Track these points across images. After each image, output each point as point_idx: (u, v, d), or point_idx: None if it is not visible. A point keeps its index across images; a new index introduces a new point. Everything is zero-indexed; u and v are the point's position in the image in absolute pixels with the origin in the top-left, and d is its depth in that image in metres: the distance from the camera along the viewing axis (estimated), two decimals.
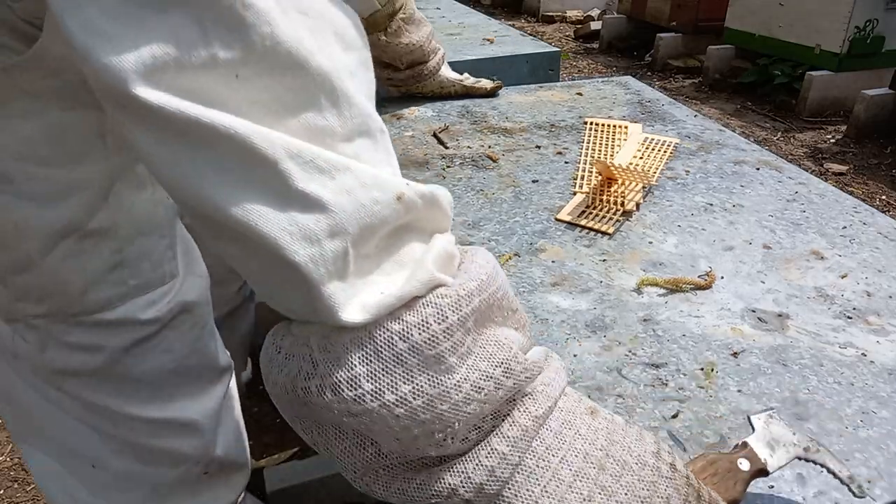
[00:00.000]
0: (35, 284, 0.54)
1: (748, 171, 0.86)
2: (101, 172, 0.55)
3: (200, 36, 0.28)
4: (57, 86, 0.52)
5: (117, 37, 0.27)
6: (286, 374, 0.32)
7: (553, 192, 0.80)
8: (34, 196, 0.52)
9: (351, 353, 0.31)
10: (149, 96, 0.27)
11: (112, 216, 0.57)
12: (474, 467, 0.31)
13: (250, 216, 0.29)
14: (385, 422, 0.30)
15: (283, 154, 0.29)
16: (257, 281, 0.33)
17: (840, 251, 0.69)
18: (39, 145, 0.51)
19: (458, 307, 0.31)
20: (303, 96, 0.30)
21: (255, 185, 0.29)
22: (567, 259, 0.67)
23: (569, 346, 0.55)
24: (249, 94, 0.29)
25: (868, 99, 3.11)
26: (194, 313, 0.67)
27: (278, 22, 0.29)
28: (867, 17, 3.28)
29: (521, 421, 0.32)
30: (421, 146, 0.92)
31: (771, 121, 3.45)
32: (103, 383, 0.60)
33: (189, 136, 0.28)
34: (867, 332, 0.57)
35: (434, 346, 0.30)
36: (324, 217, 0.29)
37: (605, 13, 4.95)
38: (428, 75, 1.08)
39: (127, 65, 0.27)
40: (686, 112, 1.07)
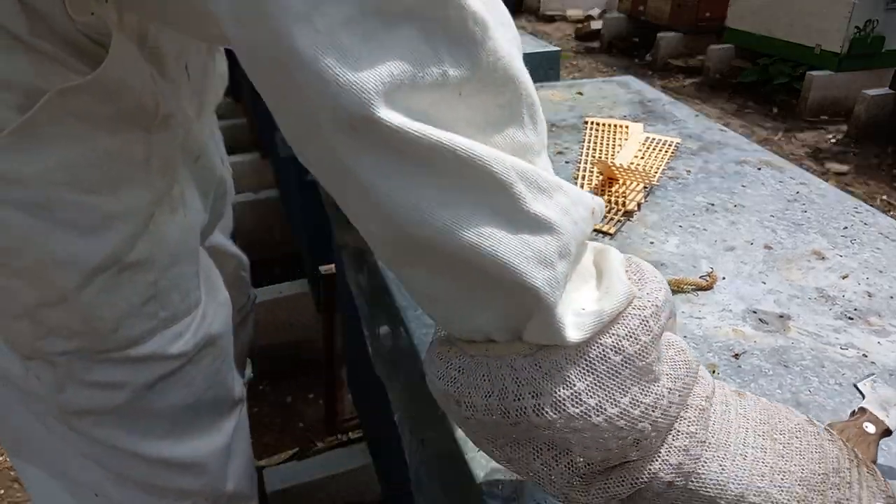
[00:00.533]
0: (66, 320, 0.51)
1: (749, 171, 0.86)
2: (144, 200, 0.53)
3: (431, 52, 0.27)
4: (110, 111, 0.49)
5: (355, 53, 0.25)
6: (486, 397, 0.32)
7: None
8: (75, 226, 0.49)
9: (566, 370, 0.31)
10: (391, 119, 0.26)
11: (150, 246, 0.54)
12: (667, 450, 0.33)
13: (484, 241, 0.28)
14: (602, 434, 0.31)
15: (516, 176, 0.28)
16: (446, 303, 0.32)
17: (841, 251, 0.69)
18: (84, 171, 0.49)
19: (657, 317, 0.32)
20: (509, 112, 0.30)
21: (487, 208, 0.28)
22: None
23: None
24: (466, 112, 0.28)
25: (868, 99, 3.11)
26: (217, 345, 0.64)
27: (497, 36, 0.28)
28: (867, 17, 3.28)
29: (697, 403, 0.33)
30: None
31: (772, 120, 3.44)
32: (119, 422, 0.57)
33: (425, 160, 0.27)
34: (868, 332, 0.57)
35: (644, 357, 0.31)
36: (552, 238, 0.30)
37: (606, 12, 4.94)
38: None
39: (369, 84, 0.26)
40: (687, 112, 1.07)
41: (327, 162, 0.29)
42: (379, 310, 0.67)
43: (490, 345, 0.33)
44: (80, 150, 0.49)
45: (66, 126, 0.48)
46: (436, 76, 0.27)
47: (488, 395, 0.32)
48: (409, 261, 0.31)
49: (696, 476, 0.33)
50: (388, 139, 0.26)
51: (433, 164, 0.27)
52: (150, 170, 0.53)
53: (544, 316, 0.30)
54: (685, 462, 0.33)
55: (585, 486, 0.33)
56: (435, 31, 0.27)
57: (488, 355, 0.32)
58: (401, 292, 0.61)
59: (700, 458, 0.33)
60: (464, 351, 0.33)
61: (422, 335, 0.55)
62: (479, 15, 0.28)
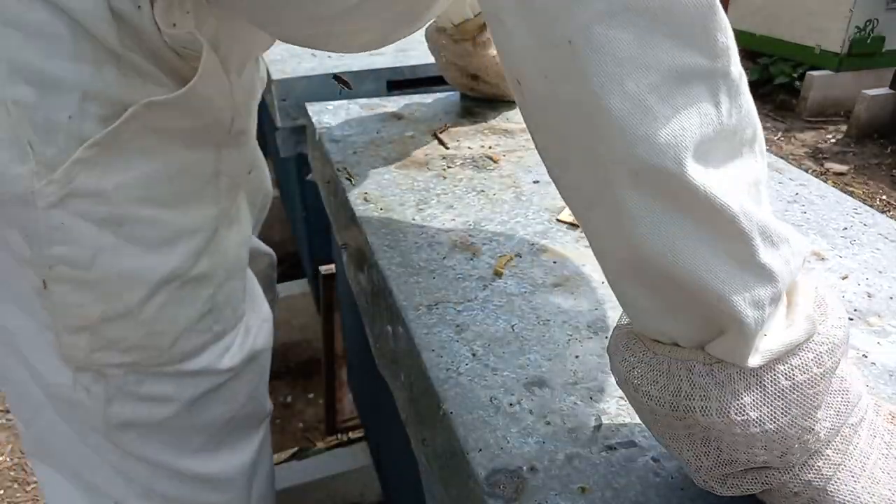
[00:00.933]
0: (126, 334, 0.52)
1: None
2: (210, 215, 0.54)
3: (714, 107, 0.30)
4: (190, 125, 0.50)
5: (658, 112, 0.29)
6: (661, 391, 0.36)
7: (554, 193, 0.80)
8: (144, 241, 0.50)
9: (737, 383, 0.34)
10: (697, 179, 0.30)
11: (211, 261, 0.55)
12: (801, 466, 0.36)
13: (714, 279, 0.32)
14: (754, 443, 0.35)
15: (756, 230, 0.32)
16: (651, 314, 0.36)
17: (841, 252, 0.69)
18: (158, 186, 0.50)
19: (832, 353, 0.35)
20: (748, 147, 0.33)
21: (726, 254, 0.32)
22: (568, 260, 0.67)
23: (570, 347, 0.55)
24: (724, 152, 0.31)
25: (868, 99, 3.10)
26: (258, 361, 0.65)
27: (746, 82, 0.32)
28: (867, 17, 3.28)
29: (844, 430, 0.36)
30: (421, 146, 0.92)
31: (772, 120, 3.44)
32: (160, 435, 0.58)
33: (694, 210, 0.31)
34: (868, 333, 0.57)
35: (812, 387, 0.34)
36: (770, 286, 0.33)
37: None
38: (510, 93, 1.06)
39: (678, 144, 0.29)
40: None
41: (597, 197, 0.33)
42: (379, 310, 0.67)
43: (674, 348, 0.36)
44: (156, 165, 0.49)
45: (146, 140, 0.48)
46: (718, 128, 0.30)
47: (663, 390, 0.36)
48: (636, 280, 0.35)
49: (825, 493, 0.36)
50: (678, 192, 0.30)
51: (704, 216, 0.31)
52: (218, 186, 0.54)
53: (740, 345, 0.33)
54: (816, 480, 0.36)
55: (722, 479, 0.37)
56: (718, 88, 0.30)
57: (670, 356, 0.36)
58: (401, 292, 0.61)
59: (831, 479, 0.36)
60: (648, 347, 0.37)
61: (422, 335, 0.55)
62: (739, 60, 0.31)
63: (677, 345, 0.36)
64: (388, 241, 0.69)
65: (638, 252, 0.33)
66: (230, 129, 0.54)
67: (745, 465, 0.36)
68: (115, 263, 0.50)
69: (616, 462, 0.44)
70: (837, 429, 0.36)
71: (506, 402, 0.49)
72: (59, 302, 0.50)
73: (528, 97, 0.33)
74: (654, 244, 0.32)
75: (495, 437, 0.46)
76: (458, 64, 1.00)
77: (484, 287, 0.62)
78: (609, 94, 0.29)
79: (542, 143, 0.35)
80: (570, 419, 0.47)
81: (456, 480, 0.47)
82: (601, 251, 0.37)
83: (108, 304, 0.51)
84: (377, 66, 1.20)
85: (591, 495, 0.42)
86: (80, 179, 0.47)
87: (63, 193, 0.46)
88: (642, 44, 0.28)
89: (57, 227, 0.47)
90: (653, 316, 0.36)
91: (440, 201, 0.77)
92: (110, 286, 0.50)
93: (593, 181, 0.32)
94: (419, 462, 0.56)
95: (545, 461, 0.44)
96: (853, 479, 0.36)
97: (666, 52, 0.29)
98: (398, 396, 0.62)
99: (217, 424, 0.61)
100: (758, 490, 0.37)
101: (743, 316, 0.32)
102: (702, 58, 0.29)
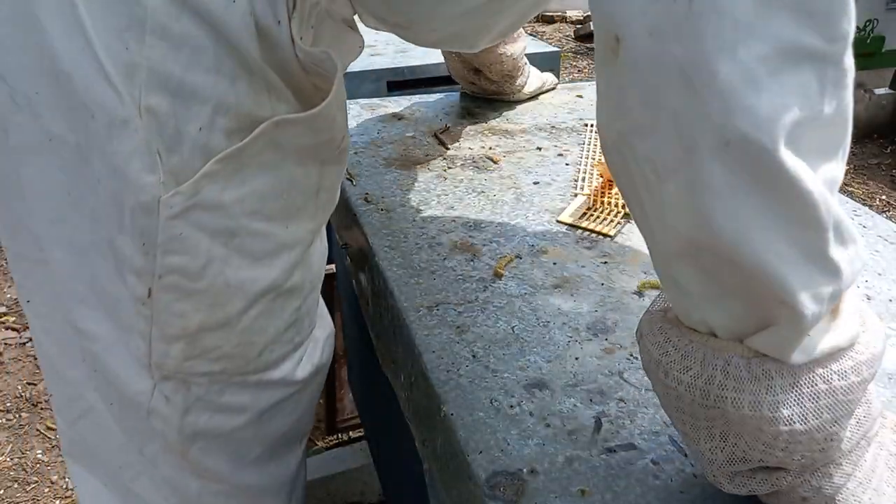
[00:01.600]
0: (221, 343, 0.52)
1: None
2: (309, 230, 0.55)
3: (819, 93, 0.30)
4: (310, 143, 0.51)
5: (765, 86, 0.28)
6: (694, 377, 0.36)
7: (554, 194, 0.80)
8: (251, 253, 0.51)
9: (773, 379, 0.34)
10: (787, 160, 0.29)
11: (303, 273, 0.56)
12: (814, 472, 0.36)
13: (781, 268, 0.31)
14: (779, 443, 0.34)
15: (831, 223, 0.31)
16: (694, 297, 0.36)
17: None
18: (270, 200, 0.50)
19: (871, 365, 0.35)
20: (835, 146, 0.32)
21: (800, 245, 0.31)
22: (568, 261, 0.67)
23: (570, 348, 0.55)
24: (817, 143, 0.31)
25: (868, 99, 3.10)
26: (322, 374, 0.66)
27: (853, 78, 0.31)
28: (867, 17, 3.27)
29: (860, 442, 0.37)
30: (422, 147, 0.92)
31: None
32: (226, 447, 0.58)
33: (779, 193, 0.30)
34: None
35: (848, 395, 0.34)
36: (833, 283, 0.33)
37: None
38: (510, 93, 1.05)
39: (774, 115, 0.28)
40: None
41: (676, 163, 0.31)
42: (380, 311, 0.67)
43: (711, 338, 0.36)
44: (270, 180, 0.50)
45: (266, 156, 0.49)
46: (816, 114, 0.30)
47: (696, 377, 0.36)
48: (693, 261, 0.34)
49: (832, 502, 0.37)
50: (765, 169, 0.29)
51: (786, 199, 0.30)
52: (318, 201, 0.55)
53: (789, 339, 0.33)
54: (825, 487, 0.36)
55: (732, 476, 0.37)
56: (826, 74, 0.29)
57: (707, 345, 0.36)
58: (402, 294, 0.61)
59: (840, 487, 0.37)
60: (685, 334, 0.37)
61: (423, 337, 0.56)
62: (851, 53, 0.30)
63: (714, 335, 0.36)
64: (389, 242, 0.69)
65: (706, 229, 0.32)
66: (339, 147, 0.55)
67: (759, 463, 0.36)
68: (222, 275, 0.50)
69: (616, 465, 0.44)
70: (857, 440, 0.36)
71: (506, 403, 0.49)
72: (161, 310, 0.50)
73: (625, 55, 0.31)
74: (728, 221, 0.31)
75: (496, 439, 0.46)
76: (464, 56, 1.01)
77: (484, 288, 0.62)
78: (719, 59, 0.28)
79: (622, 107, 0.33)
80: (570, 421, 0.48)
81: (456, 482, 0.47)
82: (661, 228, 0.35)
83: (209, 313, 0.51)
84: (377, 66, 1.20)
85: (590, 498, 0.42)
86: (205, 192, 0.47)
87: (187, 205, 0.47)
88: (764, 13, 0.28)
89: (175, 237, 0.47)
90: (699, 302, 0.36)
91: (441, 202, 0.77)
92: (215, 297, 0.50)
93: (678, 149, 0.31)
94: (424, 462, 0.57)
95: (545, 463, 0.44)
96: (861, 491, 0.37)
97: (785, 26, 0.28)
98: (400, 396, 0.63)
99: (276, 436, 0.62)
100: (765, 491, 0.37)
101: (803, 307, 0.32)
102: (819, 39, 0.29)
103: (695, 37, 0.28)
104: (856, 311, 0.36)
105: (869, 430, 0.37)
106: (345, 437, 1.52)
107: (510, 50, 0.98)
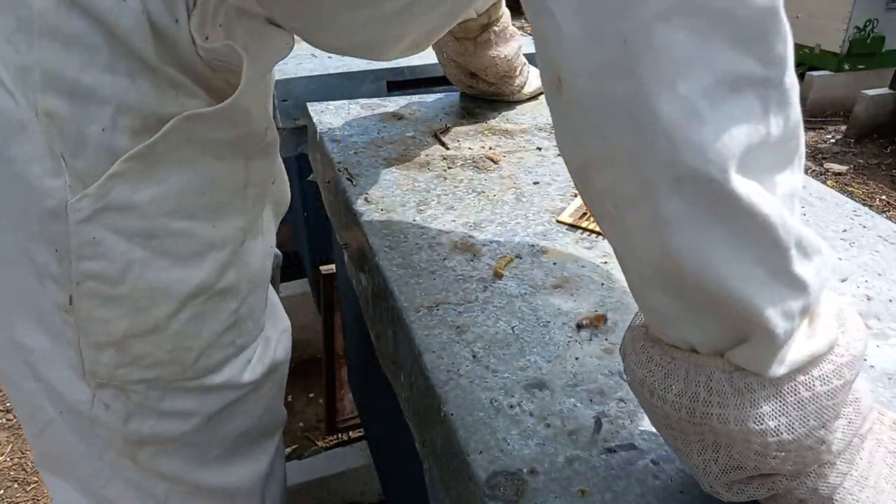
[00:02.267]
0: (152, 349, 0.51)
1: None
2: (238, 227, 0.54)
3: (763, 117, 0.29)
4: (228, 138, 0.50)
5: (708, 118, 0.28)
6: (678, 395, 0.36)
7: (554, 194, 0.80)
8: (174, 254, 0.50)
9: (756, 392, 0.34)
10: (739, 188, 0.29)
11: (237, 274, 0.54)
12: (807, 475, 0.36)
13: (748, 289, 0.31)
14: (769, 452, 0.34)
15: (793, 241, 0.31)
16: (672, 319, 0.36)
17: (840, 254, 0.69)
18: (189, 198, 0.49)
19: (852, 366, 0.35)
20: (790, 158, 0.32)
21: (764, 266, 0.31)
22: (568, 261, 0.67)
23: (570, 348, 0.55)
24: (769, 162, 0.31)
25: (868, 99, 3.10)
26: (278, 372, 0.65)
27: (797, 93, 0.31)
28: (867, 17, 3.28)
29: (853, 441, 0.37)
30: (422, 147, 0.92)
31: None
32: (178, 450, 0.57)
33: (736, 220, 0.30)
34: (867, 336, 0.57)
35: (831, 399, 0.34)
36: (802, 298, 0.33)
37: None
38: (510, 94, 1.05)
39: (721, 149, 0.28)
40: None
41: (633, 201, 0.32)
42: (380, 311, 0.67)
43: (692, 354, 0.36)
44: (188, 177, 0.49)
45: (181, 153, 0.48)
46: (764, 137, 0.30)
47: (680, 395, 0.36)
48: (663, 286, 0.34)
49: (830, 502, 0.37)
50: (720, 201, 0.29)
51: (744, 226, 0.30)
52: (246, 197, 0.54)
53: (765, 355, 0.33)
54: (821, 487, 0.36)
55: (729, 485, 0.37)
56: (769, 97, 0.29)
57: (689, 361, 0.36)
58: (402, 294, 0.61)
59: (837, 486, 0.36)
60: (665, 352, 0.37)
61: (423, 337, 0.56)
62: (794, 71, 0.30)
63: (695, 351, 0.36)
64: (389, 242, 0.69)
65: (671, 258, 0.32)
66: (263, 140, 0.54)
67: (754, 471, 0.36)
68: (144, 278, 0.49)
69: (616, 465, 0.44)
70: (849, 440, 0.36)
71: (506, 403, 0.49)
72: (85, 318, 0.49)
73: (568, 95, 0.32)
74: (690, 251, 0.31)
75: (496, 439, 0.46)
76: (458, 61, 1.01)
77: (484, 288, 0.62)
78: (659, 96, 0.28)
79: (575, 142, 0.34)
80: (570, 421, 0.48)
81: (456, 482, 0.47)
82: (629, 254, 0.36)
83: (135, 319, 0.50)
84: (377, 66, 1.20)
85: (590, 498, 0.42)
86: (115, 193, 0.46)
87: (96, 208, 0.46)
88: (699, 45, 0.28)
89: (88, 242, 0.47)
90: (675, 322, 0.36)
91: (441, 202, 0.77)
92: (138, 301, 0.50)
93: (632, 183, 0.31)
94: (424, 462, 0.57)
95: (545, 463, 0.44)
96: (859, 489, 0.37)
97: (722, 56, 0.28)
98: (400, 396, 0.63)
99: (234, 437, 0.61)
100: (763, 496, 0.37)
101: (773, 326, 0.32)
102: (757, 65, 0.29)
103: (633, 76, 0.28)
104: (833, 314, 0.36)
105: (860, 427, 0.37)
106: (345, 437, 1.52)
107: (503, 52, 0.97)
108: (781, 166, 0.32)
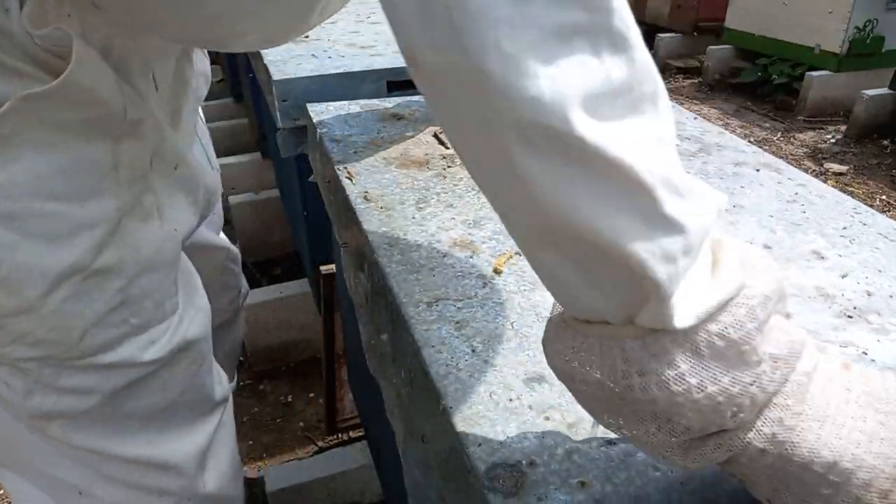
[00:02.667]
0: (31, 328, 0.52)
1: (748, 173, 0.87)
2: (111, 208, 0.53)
3: (598, 62, 0.30)
4: (77, 118, 0.50)
5: (540, 72, 0.29)
6: (601, 373, 0.35)
7: None
8: (42, 234, 0.50)
9: (672, 352, 0.33)
10: (586, 134, 0.29)
11: (118, 254, 0.54)
12: (762, 421, 0.35)
13: (622, 237, 0.31)
14: (701, 408, 0.34)
15: (658, 181, 0.31)
16: (572, 286, 0.35)
17: (840, 251, 0.69)
18: (52, 179, 0.49)
19: (764, 306, 0.34)
20: (650, 104, 0.32)
21: (631, 210, 0.31)
22: None
23: None
24: (621, 109, 0.31)
25: (868, 99, 3.11)
26: (194, 350, 0.64)
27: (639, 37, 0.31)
28: (867, 17, 3.28)
29: (796, 378, 0.36)
30: (421, 146, 0.92)
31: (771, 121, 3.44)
32: (91, 425, 0.58)
33: (592, 167, 0.30)
34: (868, 331, 0.57)
35: (748, 342, 0.34)
36: (681, 238, 0.32)
37: None
38: None
39: (557, 98, 0.29)
40: (686, 114, 1.08)
41: (495, 164, 0.32)
42: (379, 308, 0.68)
43: (604, 326, 0.35)
44: (48, 159, 0.49)
45: (34, 134, 0.48)
46: (605, 82, 0.30)
47: (600, 373, 0.35)
48: (548, 247, 0.34)
49: (791, 444, 0.35)
50: (568, 149, 0.30)
51: (599, 170, 0.30)
52: (117, 178, 0.54)
53: (660, 305, 0.33)
54: (779, 432, 0.35)
55: (684, 451, 0.37)
56: (599, 42, 0.30)
57: (601, 336, 0.35)
58: (401, 290, 0.61)
59: (795, 428, 0.35)
60: (579, 332, 0.37)
61: (422, 332, 0.56)
62: (626, 15, 0.30)
63: (608, 323, 0.35)
64: (389, 240, 0.69)
65: (544, 216, 0.32)
66: (124, 120, 0.53)
67: (700, 431, 0.35)
68: (10, 258, 0.49)
69: (615, 457, 0.44)
70: (786, 376, 0.36)
71: (505, 397, 0.49)
72: None
73: (421, 71, 0.32)
74: (557, 204, 0.31)
75: (495, 432, 0.46)
76: None
77: (483, 285, 0.62)
78: (487, 59, 0.28)
79: (441, 120, 0.35)
80: (570, 414, 0.48)
81: (455, 475, 0.47)
82: (513, 224, 0.36)
83: (7, 299, 0.50)
84: (377, 66, 1.21)
85: (590, 490, 0.42)
86: None
87: None
88: (516, 3, 0.28)
89: None
90: (575, 289, 0.35)
91: (440, 200, 0.77)
92: (9, 282, 0.50)
93: (490, 150, 0.32)
94: (414, 460, 0.57)
95: (545, 456, 0.44)
96: (818, 425, 0.35)
97: (543, 10, 0.28)
98: (394, 395, 0.63)
99: (152, 412, 0.61)
100: (723, 458, 0.36)
101: (653, 272, 0.32)
102: (579, 12, 0.29)
103: (462, 44, 0.29)
104: (738, 258, 0.36)
105: (799, 362, 0.36)
106: (345, 437, 1.52)
107: None
108: (636, 109, 0.32)
